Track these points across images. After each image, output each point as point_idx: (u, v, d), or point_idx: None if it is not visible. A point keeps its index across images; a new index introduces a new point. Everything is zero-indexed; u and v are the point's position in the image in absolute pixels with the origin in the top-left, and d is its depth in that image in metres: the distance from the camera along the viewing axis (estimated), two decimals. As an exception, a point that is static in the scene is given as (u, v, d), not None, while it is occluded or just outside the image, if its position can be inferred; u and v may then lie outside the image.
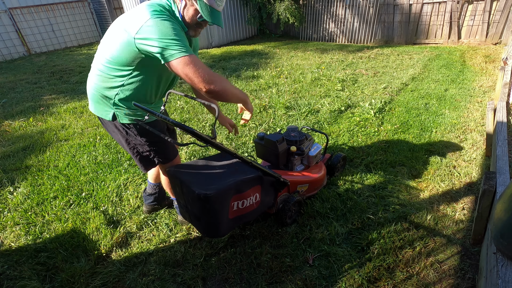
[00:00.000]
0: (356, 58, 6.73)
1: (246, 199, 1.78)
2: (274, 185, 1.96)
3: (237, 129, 2.23)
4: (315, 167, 2.43)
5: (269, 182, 1.91)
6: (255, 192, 1.82)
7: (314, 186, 2.36)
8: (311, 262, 1.87)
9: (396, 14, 7.84)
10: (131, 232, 2.19)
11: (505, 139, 2.09)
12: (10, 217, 2.38)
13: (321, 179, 2.39)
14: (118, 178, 2.78)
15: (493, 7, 6.67)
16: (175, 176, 1.75)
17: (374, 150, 3.02)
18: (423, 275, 1.75)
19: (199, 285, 1.77)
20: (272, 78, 5.61)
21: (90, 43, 11.36)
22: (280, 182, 1.97)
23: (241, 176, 1.74)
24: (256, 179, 1.79)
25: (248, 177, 1.75)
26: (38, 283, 1.82)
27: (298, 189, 2.24)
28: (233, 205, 1.72)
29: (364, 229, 2.09)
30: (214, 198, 1.56)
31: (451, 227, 2.07)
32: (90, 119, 4.27)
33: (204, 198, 1.54)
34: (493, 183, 1.62)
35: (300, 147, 2.31)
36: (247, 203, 1.79)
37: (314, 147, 2.42)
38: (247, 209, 1.81)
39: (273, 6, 9.03)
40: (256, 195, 1.83)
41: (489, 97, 4.12)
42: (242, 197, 1.75)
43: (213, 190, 1.57)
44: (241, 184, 1.71)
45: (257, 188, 1.83)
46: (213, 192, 1.55)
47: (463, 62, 5.82)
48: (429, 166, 2.74)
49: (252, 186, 1.78)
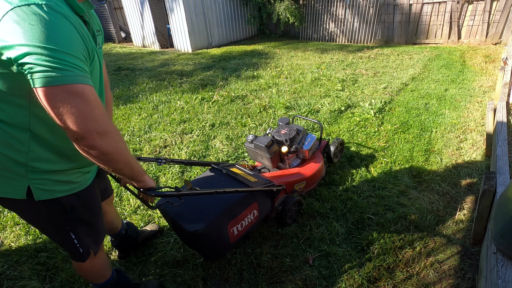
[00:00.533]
0: (356, 58, 6.73)
1: (243, 220, 1.70)
2: (269, 194, 1.88)
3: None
4: (312, 158, 2.37)
5: (264, 193, 1.83)
6: (252, 210, 1.74)
7: (312, 181, 2.31)
8: (311, 262, 1.87)
9: (396, 14, 7.84)
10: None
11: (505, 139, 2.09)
12: (10, 217, 2.38)
13: (317, 173, 2.32)
14: (118, 178, 2.78)
15: (493, 7, 6.67)
16: (165, 212, 1.64)
17: (374, 150, 3.02)
18: (423, 275, 1.75)
19: (199, 285, 1.77)
20: (272, 78, 5.61)
21: (90, 43, 11.36)
22: (272, 192, 1.86)
23: (232, 200, 1.61)
24: (250, 198, 1.70)
25: (240, 199, 1.63)
26: (38, 283, 1.82)
27: (296, 188, 2.20)
28: (232, 231, 1.65)
29: (364, 229, 2.09)
30: (206, 232, 1.48)
31: (451, 227, 2.07)
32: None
33: (195, 235, 1.46)
34: (493, 183, 1.62)
35: (293, 144, 2.25)
36: (246, 223, 1.72)
37: (308, 139, 2.34)
38: (247, 227, 1.75)
39: (273, 6, 9.04)
40: (253, 212, 1.76)
41: (489, 97, 4.12)
42: (238, 220, 1.67)
43: (203, 224, 1.48)
44: (233, 208, 1.61)
45: (253, 206, 1.75)
46: (203, 227, 1.46)
47: (463, 62, 5.82)
48: (429, 166, 2.74)
49: (247, 206, 1.70)
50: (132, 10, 9.80)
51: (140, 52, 9.26)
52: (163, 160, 1.60)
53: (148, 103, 4.67)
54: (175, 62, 7.53)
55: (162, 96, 4.91)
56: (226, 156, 3.03)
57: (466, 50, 6.65)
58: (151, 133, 3.64)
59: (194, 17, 8.59)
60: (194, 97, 4.71)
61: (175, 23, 8.72)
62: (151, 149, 3.24)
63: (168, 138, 3.46)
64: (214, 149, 3.18)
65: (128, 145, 3.38)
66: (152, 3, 9.22)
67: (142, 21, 9.73)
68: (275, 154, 2.21)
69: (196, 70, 6.59)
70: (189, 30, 8.57)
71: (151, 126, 3.83)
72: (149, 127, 3.82)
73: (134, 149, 3.28)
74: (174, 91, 5.17)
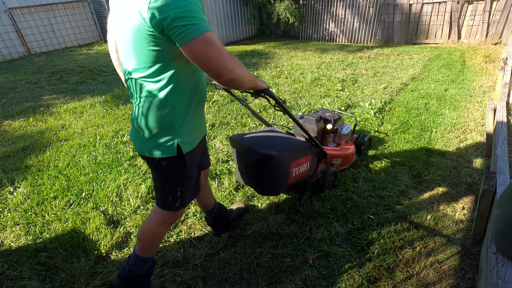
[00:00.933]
0: (356, 58, 6.73)
1: (300, 166, 2.04)
2: (317, 155, 2.21)
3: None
4: (345, 145, 2.69)
5: (315, 152, 2.18)
6: (307, 161, 2.09)
7: (346, 161, 2.64)
8: (311, 262, 1.87)
9: (396, 14, 7.84)
10: (131, 232, 2.19)
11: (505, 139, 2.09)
12: (10, 217, 2.38)
13: (352, 155, 2.67)
14: (118, 178, 2.78)
15: (493, 7, 6.67)
16: (240, 142, 1.94)
17: (374, 150, 3.02)
18: (423, 275, 1.75)
19: (199, 285, 1.77)
20: (272, 78, 5.61)
21: (90, 43, 11.36)
22: (322, 153, 2.23)
23: (297, 145, 1.99)
24: (308, 148, 2.07)
25: (303, 146, 2.02)
26: (38, 283, 1.82)
27: (334, 162, 2.51)
28: (292, 171, 1.97)
29: (364, 229, 2.09)
30: (277, 159, 1.81)
31: (451, 227, 2.07)
32: (90, 119, 4.27)
33: (270, 158, 1.79)
34: (493, 183, 1.62)
35: (336, 125, 2.57)
36: (301, 170, 2.06)
37: (345, 127, 2.70)
38: (301, 175, 2.08)
39: (273, 6, 9.04)
40: (307, 163, 2.11)
41: (489, 97, 4.12)
42: (298, 164, 2.00)
43: (277, 152, 1.82)
44: (298, 151, 1.97)
45: (308, 157, 2.10)
46: (277, 153, 1.81)
47: (463, 62, 5.82)
48: (429, 166, 2.74)
49: (305, 155, 2.05)
50: (132, 10, 9.80)
51: (140, 52, 9.25)
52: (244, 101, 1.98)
53: (148, 103, 4.67)
54: (175, 62, 7.53)
55: (162, 96, 4.90)
56: (226, 156, 3.03)
57: (466, 50, 6.65)
58: (151, 133, 3.64)
59: (194, 17, 8.59)
60: (194, 97, 4.70)
61: (175, 23, 8.72)
62: (151, 149, 3.23)
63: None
64: (214, 149, 3.18)
65: (128, 145, 3.38)
66: (152, 3, 9.23)
67: (142, 21, 9.73)
68: (320, 131, 2.55)
69: (196, 70, 6.58)
70: (189, 30, 8.57)
71: (151, 126, 3.83)
72: (149, 127, 3.82)
73: (134, 149, 3.28)
74: (174, 91, 5.16)
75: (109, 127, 3.91)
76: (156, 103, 1.24)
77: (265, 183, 1.95)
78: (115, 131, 3.77)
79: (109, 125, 3.98)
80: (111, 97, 5.09)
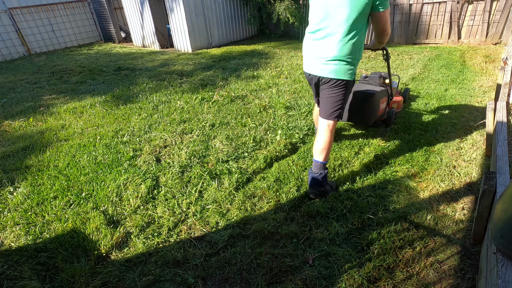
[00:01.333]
0: (356, 58, 6.72)
1: (382, 104, 3.09)
2: (388, 98, 3.25)
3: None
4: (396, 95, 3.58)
5: (388, 96, 3.23)
6: (384, 101, 3.14)
7: (400, 105, 3.59)
8: (311, 262, 1.87)
9: (396, 14, 7.84)
10: (131, 232, 2.19)
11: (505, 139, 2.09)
12: (10, 217, 2.38)
13: (402, 102, 3.66)
14: (118, 178, 2.78)
15: (493, 7, 6.67)
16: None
17: (374, 150, 3.02)
18: (423, 275, 1.75)
19: (199, 285, 1.77)
20: (272, 78, 5.61)
21: (90, 43, 11.36)
22: (391, 96, 3.30)
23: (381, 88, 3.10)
24: (386, 92, 3.18)
25: (384, 90, 3.12)
26: (38, 283, 1.82)
27: (393, 106, 3.44)
28: (380, 106, 3.01)
29: (364, 229, 2.09)
30: (376, 96, 2.90)
31: (451, 227, 2.07)
32: (90, 119, 4.27)
33: (372, 94, 2.90)
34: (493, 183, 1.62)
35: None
36: (383, 106, 3.11)
37: (393, 82, 3.55)
38: (382, 111, 3.13)
39: (273, 6, 9.03)
40: (384, 102, 3.17)
41: (489, 97, 4.12)
42: (382, 101, 3.07)
43: (375, 92, 2.93)
44: (382, 93, 3.07)
45: (385, 98, 3.17)
46: (376, 92, 2.93)
47: (463, 62, 5.82)
48: (429, 166, 2.74)
49: (384, 96, 3.12)
50: (132, 10, 9.80)
51: (140, 52, 9.26)
52: None
53: (148, 103, 4.68)
54: (175, 62, 7.54)
55: (162, 96, 4.91)
56: (226, 156, 3.03)
57: (466, 50, 6.65)
58: (151, 133, 3.64)
59: (194, 17, 8.59)
60: (194, 97, 4.71)
61: (175, 23, 8.72)
62: (151, 149, 3.24)
63: (168, 138, 3.46)
64: (214, 149, 3.18)
65: (128, 145, 3.38)
66: (152, 3, 9.22)
67: (142, 21, 9.73)
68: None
69: (196, 70, 6.59)
70: (189, 30, 8.57)
71: (151, 126, 3.84)
72: (149, 127, 3.82)
73: (134, 149, 3.28)
74: (174, 91, 5.17)
75: (109, 127, 3.92)
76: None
77: (365, 115, 3.00)
78: (115, 131, 3.78)
79: (109, 125, 3.99)
80: (111, 97, 5.09)
